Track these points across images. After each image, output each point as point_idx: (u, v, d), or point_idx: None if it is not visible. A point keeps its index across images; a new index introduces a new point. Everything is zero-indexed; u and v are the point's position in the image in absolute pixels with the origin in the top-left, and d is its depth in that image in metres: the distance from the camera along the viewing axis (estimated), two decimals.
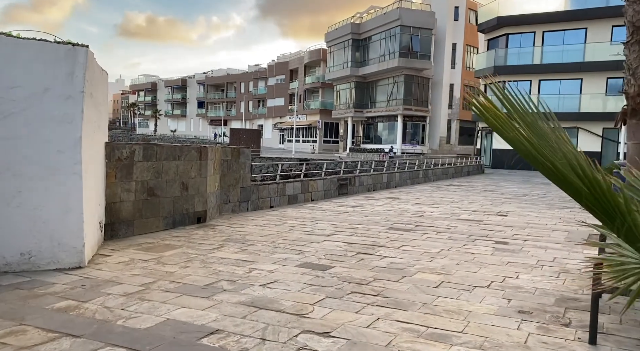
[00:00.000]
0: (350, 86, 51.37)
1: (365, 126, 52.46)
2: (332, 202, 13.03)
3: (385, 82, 47.97)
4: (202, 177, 8.82)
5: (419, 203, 13.29)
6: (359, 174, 16.52)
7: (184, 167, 8.38)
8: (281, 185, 11.98)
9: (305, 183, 12.99)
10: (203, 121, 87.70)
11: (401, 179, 19.41)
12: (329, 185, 14.23)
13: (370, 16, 49.33)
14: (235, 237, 7.62)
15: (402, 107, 45.18)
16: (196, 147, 8.65)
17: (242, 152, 10.45)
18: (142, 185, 7.60)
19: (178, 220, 8.35)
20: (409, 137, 47.01)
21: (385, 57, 45.87)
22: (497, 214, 11.33)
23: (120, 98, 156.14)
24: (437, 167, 24.17)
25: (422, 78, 46.20)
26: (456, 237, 8.17)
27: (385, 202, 13.42)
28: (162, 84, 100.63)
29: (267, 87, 70.34)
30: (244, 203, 10.66)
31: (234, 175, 10.31)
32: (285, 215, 10.33)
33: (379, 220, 9.89)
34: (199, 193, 8.75)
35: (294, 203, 12.54)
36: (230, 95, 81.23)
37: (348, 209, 11.56)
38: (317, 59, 58.92)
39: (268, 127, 71.24)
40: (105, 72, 7.03)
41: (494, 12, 35.77)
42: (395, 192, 16.52)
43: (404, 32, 44.20)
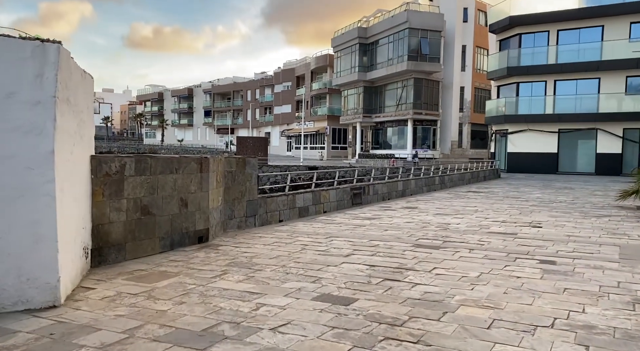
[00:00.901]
0: (358, 91, 50.50)
1: (374, 131, 51.50)
2: (346, 214, 12.06)
3: (394, 86, 47.04)
4: (204, 191, 7.90)
5: (441, 213, 12.27)
6: (373, 182, 15.55)
7: (183, 180, 7.48)
8: (291, 197, 11.04)
9: (316, 194, 12.04)
10: (210, 130, 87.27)
11: (417, 186, 18.40)
12: (341, 195, 13.27)
13: (377, 20, 48.54)
14: (241, 260, 6.67)
15: (411, 111, 44.19)
16: (196, 158, 7.74)
17: (248, 162, 9.53)
18: (135, 203, 6.70)
19: (177, 241, 7.43)
20: (419, 141, 45.96)
21: (393, 60, 44.98)
22: (530, 225, 10.29)
23: (128, 109, 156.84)
24: (453, 172, 23.12)
25: (431, 81, 45.22)
26: (493, 255, 7.16)
27: (404, 212, 12.42)
28: (169, 94, 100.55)
29: (273, 94, 69.71)
30: (250, 218, 9.72)
31: (239, 188, 9.39)
32: (297, 230, 9.38)
33: (400, 235, 8.90)
34: (200, 210, 7.83)
35: (305, 216, 11.59)
36: (236, 104, 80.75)
37: (365, 222, 10.58)
38: (323, 64, 58.19)
39: (275, 134, 70.53)
40: (90, 75, 6.15)
41: (505, 11, 34.77)
42: (412, 201, 15.51)
43: (412, 34, 43.29)
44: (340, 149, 57.58)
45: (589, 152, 32.80)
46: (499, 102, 36.64)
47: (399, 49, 44.41)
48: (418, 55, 43.59)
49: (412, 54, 43.40)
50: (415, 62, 43.40)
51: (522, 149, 34.95)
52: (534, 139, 34.37)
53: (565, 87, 33.18)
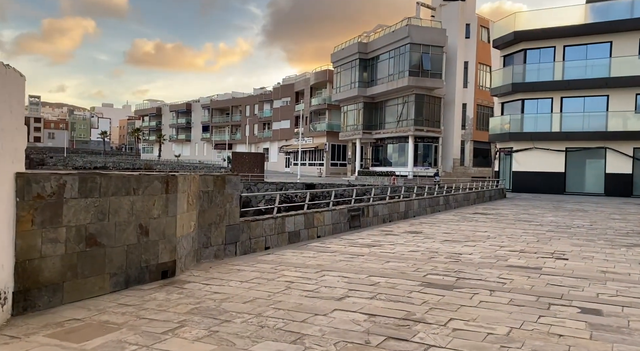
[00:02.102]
0: (357, 107, 49.50)
1: (374, 148, 50.35)
2: (343, 239, 10.72)
3: (394, 102, 46.05)
4: (170, 215, 6.59)
5: (449, 239, 10.94)
6: (373, 202, 14.24)
7: (143, 203, 6.17)
8: (279, 220, 9.71)
9: (309, 217, 10.72)
10: (208, 145, 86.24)
11: (420, 207, 17.09)
12: (337, 218, 11.95)
13: (377, 35, 47.81)
14: (207, 305, 5.33)
15: (413, 128, 43.09)
16: (160, 176, 6.45)
17: (228, 180, 8.24)
18: (78, 232, 5.38)
19: (134, 277, 6.09)
20: (420, 159, 44.77)
21: (394, 76, 44.06)
22: (553, 256, 8.94)
23: (127, 124, 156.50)
24: (457, 192, 21.81)
25: (433, 97, 44.24)
26: (520, 299, 5.81)
27: (408, 238, 11.08)
28: (167, 109, 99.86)
29: (272, 110, 68.83)
30: (230, 246, 8.39)
31: (217, 211, 8.07)
32: (283, 261, 8.03)
33: (405, 268, 7.56)
34: (164, 239, 6.51)
35: (296, 241, 10.25)
36: (235, 119, 79.88)
37: (363, 250, 9.24)
38: (323, 80, 57.37)
39: (274, 150, 69.44)
40: (20, 73, 4.91)
41: (510, 26, 33.90)
42: (415, 224, 14.17)
43: (414, 50, 42.44)
44: (339, 166, 56.36)
45: (598, 172, 31.55)
46: (503, 119, 35.54)
47: (400, 64, 43.52)
48: (419, 70, 42.68)
49: (413, 70, 42.48)
50: (417, 78, 42.46)
51: (528, 168, 33.72)
52: (540, 158, 33.16)
53: (572, 104, 32.10)
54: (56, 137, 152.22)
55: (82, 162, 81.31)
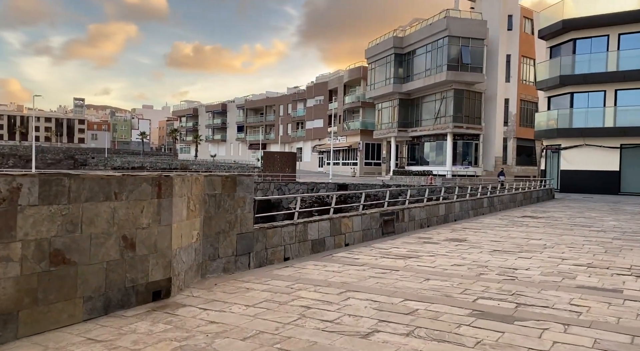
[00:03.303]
0: (393, 104, 47.80)
1: (410, 146, 48.51)
2: (374, 249, 9.42)
3: (432, 98, 44.12)
4: (163, 224, 5.49)
5: (499, 249, 9.44)
6: (408, 205, 12.83)
7: (128, 210, 5.09)
8: (300, 226, 8.51)
9: (335, 223, 9.47)
10: (243, 145, 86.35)
11: (462, 210, 15.53)
12: (368, 223, 10.64)
13: (413, 29, 45.97)
14: (196, 343, 4.17)
15: (451, 125, 41.07)
16: (150, 177, 5.35)
17: (239, 181, 7.10)
18: (39, 248, 4.34)
19: (116, 301, 5.02)
20: (460, 157, 42.67)
21: (431, 71, 42.16)
22: (632, 274, 7.34)
23: (166, 125, 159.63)
24: (503, 192, 20.02)
25: (473, 92, 42.05)
26: (608, 340, 4.37)
27: (450, 248, 9.66)
28: (203, 110, 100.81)
29: (305, 109, 67.91)
30: (242, 257, 7.25)
31: (227, 217, 6.95)
32: (302, 276, 6.83)
33: (449, 289, 6.20)
34: (156, 252, 5.42)
35: (320, 250, 9.02)
36: (269, 119, 79.51)
37: (397, 263, 7.92)
38: (357, 77, 55.92)
39: (307, 149, 68.54)
40: None
41: (557, 15, 31.51)
42: (458, 229, 12.68)
43: (452, 43, 40.43)
44: (373, 165, 54.77)
45: None
46: (550, 115, 33.15)
47: (437, 58, 41.58)
48: (458, 64, 40.61)
49: (452, 64, 40.47)
50: (456, 72, 40.43)
51: (578, 166, 31.24)
52: (591, 155, 30.64)
53: (628, 97, 29.44)
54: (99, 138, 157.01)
55: (121, 162, 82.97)
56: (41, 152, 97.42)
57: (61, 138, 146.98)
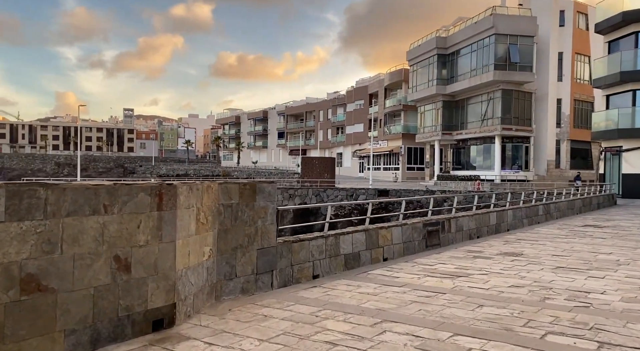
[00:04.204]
0: (436, 106, 46.10)
1: (455, 150, 46.57)
2: (416, 264, 8.35)
3: (478, 99, 42.15)
4: (165, 241, 4.71)
5: (563, 266, 8.14)
6: (455, 214, 11.64)
7: (121, 225, 4.34)
8: (331, 239, 7.58)
9: (372, 234, 8.47)
10: (283, 151, 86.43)
11: (515, 218, 14.11)
12: (410, 234, 9.56)
13: (458, 28, 44.21)
14: None
15: (499, 127, 38.99)
16: (149, 186, 4.58)
17: (260, 189, 6.26)
18: (7, 273, 3.63)
19: (106, 333, 4.25)
20: (509, 161, 40.43)
21: (477, 71, 40.27)
22: None
23: (210, 133, 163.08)
24: (560, 198, 18.31)
25: (523, 93, 39.81)
26: None
27: (505, 263, 8.44)
28: (245, 117, 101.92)
29: (345, 114, 67.01)
30: (264, 276, 6.39)
31: (245, 230, 6.11)
32: (331, 299, 5.88)
33: (508, 319, 5.08)
34: (156, 274, 4.64)
35: (355, 266, 8.04)
36: (309, 124, 79.14)
37: (444, 284, 6.83)
38: (398, 80, 54.50)
39: (347, 154, 67.53)
40: None
41: (617, 7, 29.14)
42: (512, 241, 11.36)
43: (500, 41, 38.44)
44: (416, 170, 53.05)
45: None
46: (610, 114, 30.67)
47: (483, 57, 39.66)
48: (506, 63, 38.55)
49: (499, 63, 38.46)
50: (503, 72, 38.38)
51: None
52: None
53: None
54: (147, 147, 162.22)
55: (166, 169, 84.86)
56: (93, 160, 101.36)
57: (112, 147, 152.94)
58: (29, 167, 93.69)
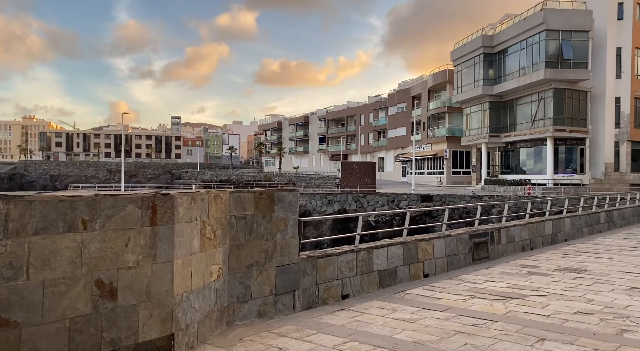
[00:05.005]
0: (482, 107, 44.12)
1: (504, 153, 44.37)
2: (462, 282, 7.35)
3: (527, 99, 39.95)
4: (161, 261, 4.03)
5: (638, 287, 6.92)
6: (505, 224, 10.48)
7: (104, 244, 3.69)
8: (363, 254, 6.72)
9: (410, 247, 7.54)
10: (324, 156, 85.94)
11: (574, 228, 12.71)
12: (454, 247, 8.55)
13: (505, 25, 42.18)
14: None
15: (551, 128, 36.70)
16: (140, 197, 3.92)
17: (279, 199, 5.51)
18: None
19: None
20: (562, 164, 37.98)
21: (526, 69, 38.16)
22: None
23: (253, 139, 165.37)
24: (623, 204, 16.59)
25: (577, 91, 37.34)
26: None
27: (566, 281, 7.30)
28: (287, 122, 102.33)
29: (387, 117, 65.67)
30: (285, 297, 5.62)
31: (262, 245, 5.38)
32: (359, 329, 5.04)
33: None
34: (149, 300, 3.96)
35: (390, 284, 7.14)
36: (350, 129, 78.24)
37: (494, 308, 5.83)
38: (442, 81, 52.74)
39: (389, 159, 66.08)
40: None
41: None
42: (571, 253, 10.08)
43: (551, 37, 36.25)
44: (462, 174, 51.01)
45: None
46: None
47: (533, 55, 37.52)
48: (559, 61, 36.28)
49: (550, 60, 36.24)
50: (555, 70, 36.13)
51: None
52: None
53: None
54: (193, 153, 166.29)
55: (210, 175, 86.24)
56: (142, 167, 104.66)
57: (160, 154, 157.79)
58: (83, 173, 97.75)
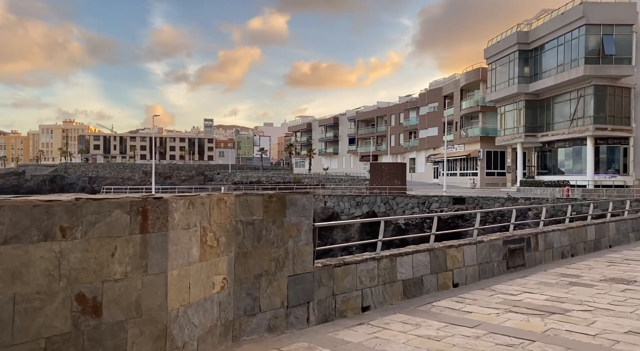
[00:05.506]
0: (518, 106, 42.58)
1: (540, 153, 42.68)
2: (495, 293, 6.72)
3: (565, 97, 38.27)
4: (152, 272, 3.65)
5: None
6: (543, 228, 9.73)
7: (87, 254, 3.33)
8: (385, 262, 6.20)
9: (438, 255, 6.97)
10: (354, 158, 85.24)
11: (619, 233, 11.77)
12: (487, 254, 7.90)
13: (541, 21, 40.57)
14: None
15: (592, 127, 34.99)
16: (129, 201, 3.55)
17: (291, 202, 5.07)
18: None
19: None
20: (603, 165, 36.15)
21: (565, 66, 36.54)
22: None
23: (284, 141, 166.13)
24: None
25: (619, 88, 35.49)
26: None
27: (613, 294, 6.57)
28: (316, 124, 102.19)
29: (418, 117, 64.47)
30: (298, 309, 5.17)
31: (272, 253, 4.95)
32: (378, 347, 4.53)
33: None
34: (139, 316, 3.58)
35: (416, 295, 6.58)
36: (380, 129, 77.28)
37: (532, 324, 5.21)
38: (475, 80, 51.30)
39: (421, 160, 64.82)
40: None
41: None
42: (617, 262, 9.24)
43: (591, 32, 34.57)
44: (496, 175, 49.39)
45: None
46: None
47: (572, 51, 35.88)
48: (599, 57, 34.56)
49: (590, 56, 34.57)
50: (596, 66, 34.43)
51: None
52: None
53: None
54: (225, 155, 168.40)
55: (240, 177, 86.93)
56: (176, 169, 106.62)
57: (193, 156, 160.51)
58: (119, 175, 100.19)
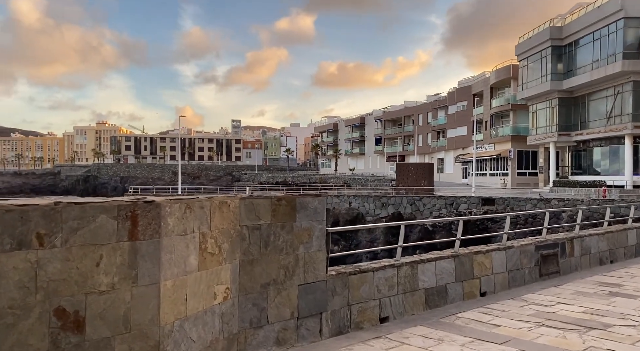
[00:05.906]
0: (551, 104, 41.08)
1: (575, 153, 41.07)
2: (526, 304, 6.19)
3: (602, 94, 36.68)
4: (142, 284, 3.35)
5: None
6: (579, 233, 9.06)
7: (68, 264, 3.05)
8: (406, 269, 5.76)
9: (463, 261, 6.47)
10: (381, 158, 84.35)
11: None
12: (517, 261, 7.35)
13: (576, 15, 39.03)
14: None
15: (630, 125, 33.37)
16: (116, 205, 3.25)
17: (301, 205, 4.70)
18: None
19: None
20: None
21: (601, 62, 35.00)
22: None
23: (310, 141, 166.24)
24: None
25: None
26: None
27: None
28: (342, 124, 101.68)
29: (447, 116, 63.19)
30: (310, 321, 4.80)
31: (281, 260, 4.59)
32: None
33: None
34: (128, 332, 3.28)
35: (439, 305, 6.11)
36: (407, 129, 76.16)
37: (568, 342, 4.70)
38: (505, 77, 49.84)
39: (449, 160, 63.50)
40: None
41: None
42: None
43: (630, 25, 32.99)
44: (528, 175, 47.82)
45: None
46: None
47: (609, 46, 34.33)
48: (638, 51, 32.96)
49: (629, 51, 32.97)
50: (635, 61, 32.82)
51: None
52: None
53: None
54: (252, 156, 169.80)
55: (266, 177, 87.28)
56: (205, 169, 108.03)
57: (221, 156, 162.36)
58: (150, 175, 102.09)
